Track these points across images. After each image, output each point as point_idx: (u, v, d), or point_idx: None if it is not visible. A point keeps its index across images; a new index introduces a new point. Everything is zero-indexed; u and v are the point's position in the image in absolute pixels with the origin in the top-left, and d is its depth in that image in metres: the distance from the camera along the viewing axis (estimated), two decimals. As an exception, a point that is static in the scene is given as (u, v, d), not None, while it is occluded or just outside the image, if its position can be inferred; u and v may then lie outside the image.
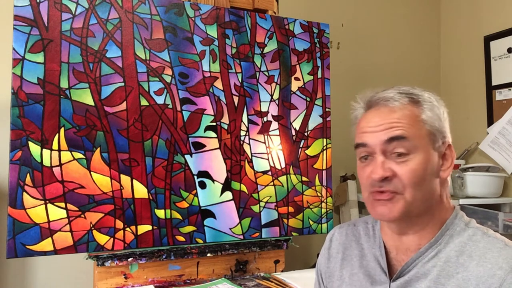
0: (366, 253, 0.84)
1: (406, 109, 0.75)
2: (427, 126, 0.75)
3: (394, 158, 0.73)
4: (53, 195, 1.21)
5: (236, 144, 1.45)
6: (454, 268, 0.71)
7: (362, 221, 0.90)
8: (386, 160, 0.74)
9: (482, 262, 0.69)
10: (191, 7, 1.42)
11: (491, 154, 2.14)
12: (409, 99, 0.76)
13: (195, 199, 1.38)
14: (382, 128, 0.74)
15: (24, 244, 1.17)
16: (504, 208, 2.03)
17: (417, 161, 0.73)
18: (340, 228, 0.93)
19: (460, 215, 0.78)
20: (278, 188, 1.51)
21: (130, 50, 1.32)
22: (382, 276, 0.78)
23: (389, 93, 0.77)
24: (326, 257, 0.92)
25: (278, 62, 1.54)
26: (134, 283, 1.34)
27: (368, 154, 0.77)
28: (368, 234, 0.86)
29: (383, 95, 0.77)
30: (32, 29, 1.21)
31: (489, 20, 2.23)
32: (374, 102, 0.78)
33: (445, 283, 0.70)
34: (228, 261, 1.47)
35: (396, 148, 0.73)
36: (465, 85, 2.35)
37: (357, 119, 0.83)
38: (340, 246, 0.90)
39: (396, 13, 2.46)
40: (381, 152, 0.74)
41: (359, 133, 0.79)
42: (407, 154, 0.73)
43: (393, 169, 0.73)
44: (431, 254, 0.74)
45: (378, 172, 0.73)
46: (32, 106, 1.20)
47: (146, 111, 1.33)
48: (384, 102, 0.76)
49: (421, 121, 0.75)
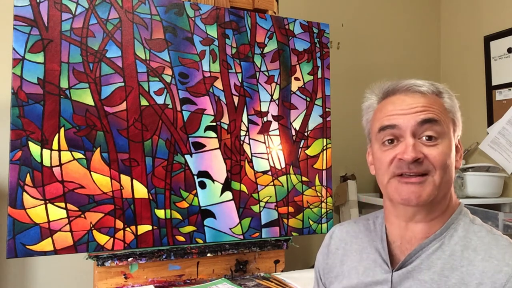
0: (366, 246, 0.84)
1: (433, 97, 0.77)
2: (451, 114, 0.77)
3: (424, 141, 0.74)
4: (53, 195, 1.21)
5: (236, 144, 1.45)
6: (459, 261, 0.72)
7: (362, 219, 0.91)
8: (416, 142, 0.73)
9: (488, 258, 0.70)
10: (191, 7, 1.42)
11: (491, 154, 2.14)
12: (434, 88, 0.78)
13: (195, 199, 1.38)
14: (416, 110, 0.74)
15: (24, 244, 1.17)
16: (504, 208, 2.03)
17: (445, 146, 0.74)
18: (341, 226, 0.94)
19: (464, 211, 0.79)
20: (278, 188, 1.51)
21: (130, 50, 1.32)
22: (384, 266, 0.78)
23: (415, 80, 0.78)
24: (325, 254, 0.92)
25: (278, 62, 1.54)
26: (134, 283, 1.34)
27: (394, 138, 0.76)
28: (369, 229, 0.87)
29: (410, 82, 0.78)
30: (32, 29, 1.21)
31: (489, 20, 2.23)
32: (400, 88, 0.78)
33: (449, 275, 0.71)
34: (228, 261, 1.47)
35: (426, 131, 0.74)
36: (465, 85, 2.35)
37: (373, 107, 0.83)
38: (341, 242, 0.90)
39: (396, 13, 2.46)
40: (411, 134, 0.74)
41: (385, 116, 0.77)
42: (437, 138, 0.74)
43: (424, 152, 0.73)
44: (435, 246, 0.74)
45: (410, 154, 0.72)
46: (32, 106, 1.20)
47: (146, 111, 1.33)
48: (415, 87, 0.77)
49: (446, 109, 0.77)
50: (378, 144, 0.79)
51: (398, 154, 0.74)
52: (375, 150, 0.80)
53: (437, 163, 0.73)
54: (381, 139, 0.77)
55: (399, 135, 0.75)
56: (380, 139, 0.78)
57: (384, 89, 0.81)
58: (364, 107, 0.85)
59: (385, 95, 0.80)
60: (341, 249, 0.89)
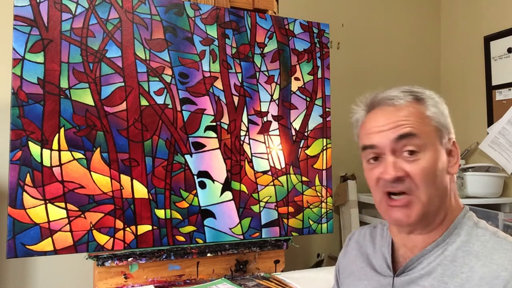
0: (376, 251, 0.86)
1: (411, 107, 0.74)
2: (434, 122, 0.74)
3: (405, 157, 0.72)
4: (53, 195, 1.21)
5: (236, 144, 1.45)
6: (460, 267, 0.71)
7: (380, 223, 0.92)
8: (396, 159, 0.72)
9: (488, 263, 0.68)
10: (191, 7, 1.42)
11: (491, 154, 2.14)
12: (413, 97, 0.75)
13: (195, 199, 1.38)
14: (389, 126, 0.73)
15: (24, 244, 1.17)
16: (504, 208, 2.03)
17: (428, 159, 0.72)
18: (361, 229, 0.95)
19: (469, 215, 0.78)
20: (278, 188, 1.51)
21: (130, 50, 1.32)
22: (386, 271, 0.80)
23: (391, 92, 0.76)
24: (343, 254, 0.96)
25: (278, 62, 1.54)
26: (134, 283, 1.34)
27: (377, 156, 0.75)
28: (382, 234, 0.88)
29: (386, 95, 0.76)
30: (32, 29, 1.21)
31: (489, 20, 2.23)
32: (378, 103, 0.77)
33: (448, 282, 0.70)
34: (228, 261, 1.47)
35: (406, 146, 0.72)
36: (465, 85, 2.35)
37: (359, 122, 0.82)
38: (356, 244, 0.92)
39: (396, 13, 2.46)
40: (391, 151, 0.72)
41: (365, 134, 0.77)
42: (418, 152, 0.71)
43: (405, 169, 0.71)
44: (437, 252, 0.74)
45: (390, 173, 0.71)
46: (32, 106, 1.20)
47: (146, 111, 1.33)
48: (388, 101, 0.75)
49: (427, 117, 0.74)
50: (364, 161, 0.79)
51: (380, 174, 0.73)
52: (364, 166, 0.80)
53: (419, 180, 0.71)
54: (366, 156, 0.77)
55: (381, 153, 0.74)
56: (365, 157, 0.78)
57: (365, 103, 0.80)
58: (353, 121, 0.84)
59: (367, 109, 0.79)
60: (355, 250, 0.91)
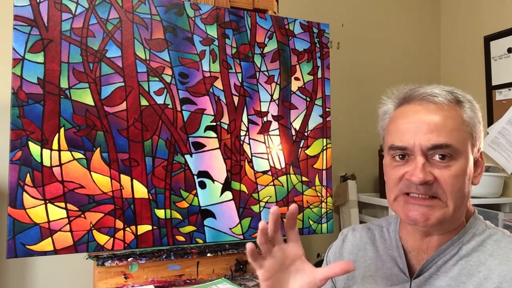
0: (381, 255, 0.82)
1: (451, 108, 0.71)
2: (469, 128, 0.71)
3: (436, 160, 0.68)
4: (53, 195, 1.21)
5: (236, 144, 1.45)
6: (476, 266, 0.70)
7: (376, 225, 0.88)
8: (427, 162, 0.68)
9: (505, 261, 0.69)
10: (191, 7, 1.42)
11: (491, 154, 2.14)
12: (453, 97, 0.72)
13: (195, 199, 1.38)
14: (425, 129, 0.69)
15: (24, 244, 1.17)
16: (504, 208, 2.03)
17: (459, 167, 0.69)
18: (354, 231, 0.90)
19: (479, 217, 0.78)
20: (278, 188, 1.51)
21: (130, 50, 1.32)
22: (400, 275, 0.77)
23: (433, 88, 0.73)
24: (337, 253, 0.90)
25: (278, 62, 1.54)
26: (134, 283, 1.34)
27: (405, 154, 0.71)
28: (384, 237, 0.84)
29: (427, 90, 0.72)
30: (32, 29, 1.21)
31: (489, 20, 2.23)
32: (415, 97, 0.73)
33: (466, 281, 0.70)
34: (228, 261, 1.47)
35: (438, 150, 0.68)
36: (465, 85, 2.35)
37: (386, 115, 0.79)
38: (354, 247, 0.87)
39: (396, 13, 2.46)
40: (422, 153, 0.69)
41: (396, 131, 0.73)
42: (450, 158, 0.68)
43: (434, 174, 0.68)
44: (452, 252, 0.73)
45: (418, 176, 0.67)
46: (32, 106, 1.20)
47: (146, 111, 1.33)
48: (429, 97, 0.71)
49: (464, 122, 0.71)
50: (389, 157, 0.75)
51: (407, 174, 0.70)
52: (386, 162, 0.77)
53: (448, 187, 0.68)
54: (392, 153, 0.74)
55: (410, 153, 0.71)
56: (391, 154, 0.74)
57: (399, 96, 0.76)
58: (380, 113, 0.80)
59: (401, 102, 0.76)
60: (353, 254, 0.86)
